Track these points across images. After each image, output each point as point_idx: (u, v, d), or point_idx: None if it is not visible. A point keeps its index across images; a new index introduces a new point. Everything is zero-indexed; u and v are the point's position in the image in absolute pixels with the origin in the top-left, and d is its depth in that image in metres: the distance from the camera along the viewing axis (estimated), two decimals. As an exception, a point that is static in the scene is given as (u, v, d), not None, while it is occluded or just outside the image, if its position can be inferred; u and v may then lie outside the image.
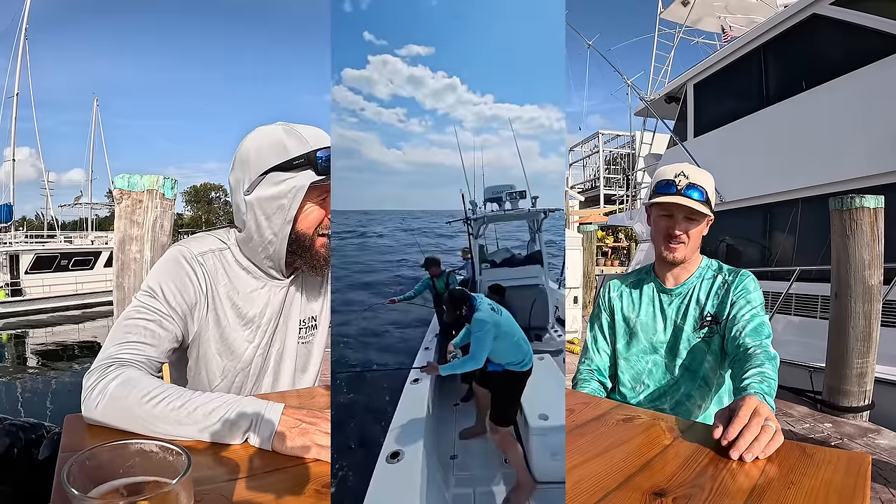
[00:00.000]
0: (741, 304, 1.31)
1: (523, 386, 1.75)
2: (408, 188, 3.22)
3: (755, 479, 0.67)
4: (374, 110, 0.99)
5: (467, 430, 1.98)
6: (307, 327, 1.16)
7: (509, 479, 1.56)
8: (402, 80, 0.90)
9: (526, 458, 1.53)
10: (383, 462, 1.22)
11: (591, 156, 25.64)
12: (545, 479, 1.52)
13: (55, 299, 17.43)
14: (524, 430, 1.48)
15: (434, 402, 1.95)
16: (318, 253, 1.04)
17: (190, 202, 53.95)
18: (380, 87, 0.70)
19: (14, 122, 23.98)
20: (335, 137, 0.49)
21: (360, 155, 0.68)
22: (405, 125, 3.78)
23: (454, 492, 1.55)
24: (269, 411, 0.75)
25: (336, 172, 0.53)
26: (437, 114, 1.64)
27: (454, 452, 1.82)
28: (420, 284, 2.70)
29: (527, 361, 1.72)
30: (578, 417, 0.94)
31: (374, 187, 1.88)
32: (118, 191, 2.12)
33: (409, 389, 1.72)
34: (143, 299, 0.95)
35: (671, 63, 10.06)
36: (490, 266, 2.98)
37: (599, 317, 1.53)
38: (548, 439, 1.49)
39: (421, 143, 3.19)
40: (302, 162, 0.97)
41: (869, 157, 4.84)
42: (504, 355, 1.72)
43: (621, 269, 17.99)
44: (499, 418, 1.65)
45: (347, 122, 0.52)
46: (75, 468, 0.40)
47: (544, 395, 1.62)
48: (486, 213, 2.89)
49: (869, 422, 3.55)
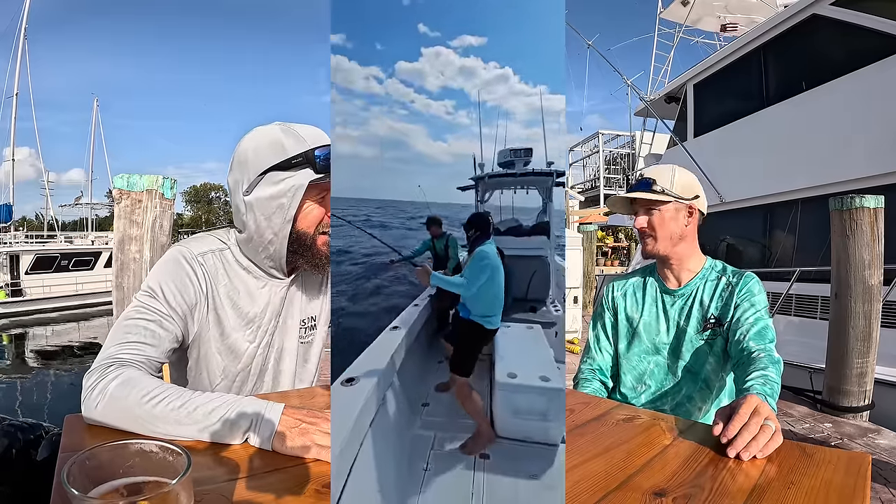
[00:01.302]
0: (745, 306, 1.30)
1: (484, 342, 1.81)
2: (448, 180, 3.21)
3: (755, 479, 0.67)
4: (424, 102, 0.98)
5: (442, 383, 2.03)
6: (307, 327, 1.16)
7: (472, 430, 1.62)
8: (454, 71, 0.89)
9: (492, 414, 1.57)
10: (338, 385, 1.26)
11: (591, 156, 25.61)
12: (505, 433, 1.56)
13: (55, 299, 17.43)
14: (492, 386, 1.54)
15: (413, 350, 2.02)
16: (319, 251, 1.04)
17: (190, 202, 53.97)
18: (431, 79, 0.69)
19: (14, 122, 23.99)
20: (385, 130, 0.49)
21: (407, 146, 0.67)
22: (453, 117, 3.76)
23: (417, 432, 1.62)
24: (270, 411, 0.75)
25: (385, 163, 0.53)
26: (486, 106, 1.63)
27: (427, 401, 1.89)
28: (421, 245, 2.73)
29: (493, 320, 1.76)
30: (578, 417, 0.94)
31: (420, 178, 1.88)
32: (118, 191, 2.12)
33: (385, 334, 1.78)
34: (143, 299, 0.95)
35: (671, 63, 10.06)
36: (495, 234, 2.99)
37: (602, 316, 1.53)
38: (512, 397, 1.53)
39: (466, 136, 3.17)
40: (300, 161, 0.97)
41: (869, 157, 4.84)
42: (479, 305, 1.76)
43: (621, 269, 17.99)
44: (456, 366, 1.69)
45: (398, 114, 0.52)
46: (75, 468, 0.40)
47: (521, 357, 1.67)
48: (492, 172, 2.90)
49: (869, 422, 3.55)
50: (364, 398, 1.22)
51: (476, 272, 1.68)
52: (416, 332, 2.07)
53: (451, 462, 1.47)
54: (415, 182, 3.61)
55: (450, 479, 1.36)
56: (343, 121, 0.46)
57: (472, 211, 3.03)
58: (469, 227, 1.82)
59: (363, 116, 5.22)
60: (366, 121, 11.55)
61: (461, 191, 3.04)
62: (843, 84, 5.15)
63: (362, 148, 6.91)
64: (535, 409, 1.57)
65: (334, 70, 0.44)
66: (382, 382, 1.41)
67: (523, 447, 1.50)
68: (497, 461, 1.43)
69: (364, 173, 19.30)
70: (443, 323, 2.43)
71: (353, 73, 1.57)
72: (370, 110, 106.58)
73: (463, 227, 1.77)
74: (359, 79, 6.75)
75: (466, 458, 1.47)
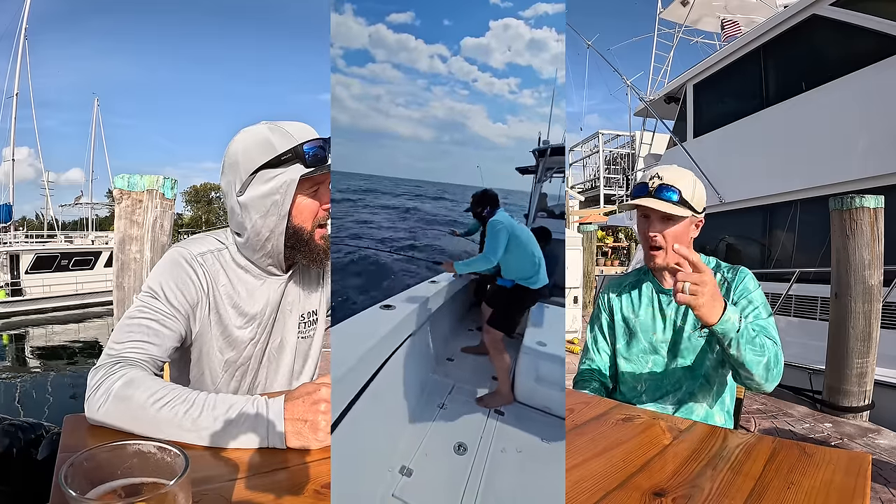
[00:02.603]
0: (743, 304, 1.30)
1: (531, 302, 1.90)
2: (504, 163, 3.19)
3: (755, 479, 0.67)
4: (487, 81, 0.97)
5: (471, 346, 2.09)
6: (307, 322, 1.17)
7: (490, 389, 1.68)
8: (523, 45, 0.88)
9: (514, 377, 1.62)
10: (376, 308, 1.34)
11: (591, 156, 25.61)
12: (523, 399, 1.61)
13: (55, 299, 17.42)
14: (519, 349, 1.59)
15: (449, 308, 2.14)
16: (317, 245, 1.06)
17: (190, 202, 53.96)
18: (496, 55, 0.68)
19: (14, 122, 23.97)
20: (443, 111, 0.49)
21: (463, 129, 0.65)
22: (516, 97, 3.71)
23: (436, 378, 1.69)
24: (272, 410, 0.76)
25: (441, 146, 0.53)
26: (558, 83, 1.63)
27: (452, 357, 1.97)
28: (473, 224, 2.85)
29: (536, 279, 1.82)
30: (578, 417, 0.94)
31: (476, 161, 1.89)
32: (118, 191, 2.12)
33: (425, 284, 1.88)
34: (145, 300, 0.95)
35: (671, 63, 10.05)
36: (546, 216, 3.02)
37: (599, 317, 1.53)
38: (537, 363, 1.58)
39: (531, 118, 3.07)
40: (290, 156, 0.98)
41: (869, 157, 4.84)
42: (515, 269, 1.82)
43: (621, 269, 17.99)
44: (497, 323, 1.73)
45: (459, 94, 0.51)
46: (73, 469, 0.40)
47: (553, 330, 1.74)
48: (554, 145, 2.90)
49: (869, 422, 3.55)
50: (399, 320, 1.35)
51: (493, 241, 1.72)
52: (454, 291, 2.17)
53: (466, 408, 1.54)
54: (464, 166, 3.65)
55: (462, 420, 1.44)
56: (405, 102, 0.45)
57: (527, 194, 3.07)
58: (476, 206, 1.84)
59: (425, 97, 5.07)
60: (427, 101, 11.24)
61: (521, 173, 3.09)
62: (843, 84, 5.15)
63: (422, 130, 6.68)
64: (558, 380, 1.61)
65: (398, 49, 0.43)
66: (419, 315, 1.50)
67: (538, 415, 1.54)
68: (511, 419, 1.49)
69: (423, 155, 19.35)
70: (482, 293, 2.48)
71: (419, 51, 1.57)
72: (432, 91, 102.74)
73: (471, 209, 1.80)
74: (423, 58, 6.56)
75: (482, 409, 1.54)
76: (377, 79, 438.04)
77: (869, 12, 4.92)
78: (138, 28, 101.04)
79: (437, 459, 1.20)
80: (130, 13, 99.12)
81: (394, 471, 1.12)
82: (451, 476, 1.13)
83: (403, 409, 1.38)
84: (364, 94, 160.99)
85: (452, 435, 1.36)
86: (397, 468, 1.13)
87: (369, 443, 1.07)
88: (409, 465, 1.15)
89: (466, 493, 1.07)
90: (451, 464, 1.19)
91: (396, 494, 1.04)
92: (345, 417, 0.93)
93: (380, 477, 1.08)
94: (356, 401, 1.01)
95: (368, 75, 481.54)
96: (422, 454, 1.21)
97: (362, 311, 1.35)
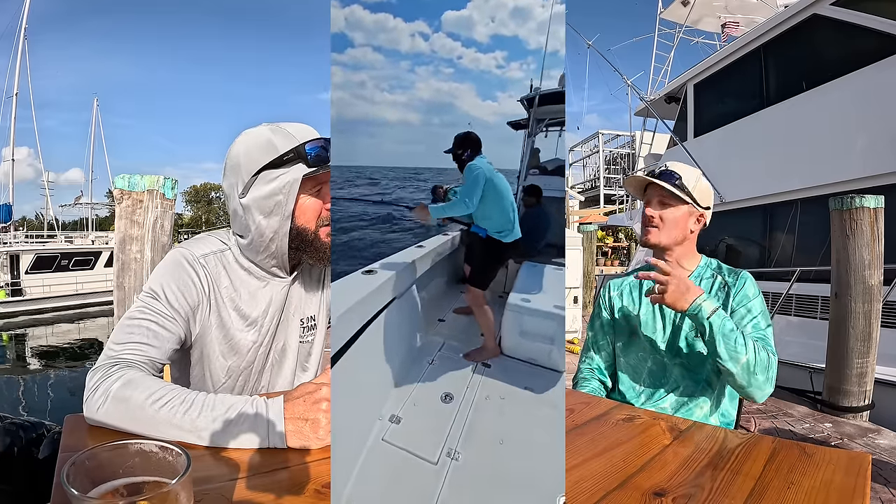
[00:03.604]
0: (742, 312, 1.30)
1: (503, 257, 1.92)
2: (498, 144, 3.10)
3: (755, 479, 0.67)
4: (472, 57, 0.97)
5: (461, 307, 2.10)
6: (307, 327, 1.17)
7: (477, 345, 1.73)
8: (506, 14, 0.86)
9: (500, 333, 1.64)
10: (358, 274, 1.40)
11: (591, 156, 25.61)
12: (510, 352, 1.66)
13: (55, 299, 17.41)
14: (504, 305, 1.63)
15: (437, 269, 2.18)
16: (323, 244, 1.05)
17: (190, 202, 53.92)
18: (479, 28, 0.66)
19: (13, 122, 23.95)
20: (431, 93, 0.48)
21: (452, 109, 0.64)
22: (504, 71, 3.57)
23: (427, 337, 1.76)
24: (272, 410, 0.75)
25: (431, 129, 0.53)
26: (546, 53, 1.57)
27: (443, 317, 2.02)
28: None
29: (508, 233, 1.81)
30: (578, 417, 0.94)
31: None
32: (118, 191, 2.12)
33: (411, 249, 1.92)
34: (145, 300, 0.95)
35: (671, 63, 10.04)
36: (538, 173, 2.88)
37: (600, 316, 1.53)
38: (521, 318, 1.62)
39: (522, 91, 2.94)
40: (292, 157, 0.98)
41: (869, 157, 4.84)
42: (490, 219, 1.80)
43: (621, 269, 17.98)
44: (473, 279, 1.74)
45: (444, 73, 0.51)
46: (75, 468, 0.40)
47: (538, 287, 1.78)
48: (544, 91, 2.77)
49: (869, 422, 3.55)
50: (379, 283, 1.38)
51: (469, 186, 1.70)
52: (441, 252, 2.20)
53: (454, 364, 1.60)
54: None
55: (449, 374, 1.52)
56: (389, 87, 0.45)
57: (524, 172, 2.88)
58: (458, 147, 1.79)
59: (410, 79, 4.88)
60: (412, 84, 10.86)
61: (512, 128, 2.95)
62: (843, 84, 5.14)
63: (410, 114, 6.48)
64: (543, 333, 1.65)
65: (377, 30, 0.43)
66: (401, 279, 1.55)
67: (525, 366, 1.59)
68: (497, 371, 1.55)
69: (412, 139, 19.19)
70: (470, 252, 2.43)
71: (399, 31, 1.57)
72: (416, 72, 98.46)
73: (452, 150, 1.75)
74: (405, 37, 6.36)
75: (469, 363, 1.59)
76: (358, 64, 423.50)
77: (870, 12, 4.92)
78: (138, 28, 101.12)
79: (425, 408, 1.30)
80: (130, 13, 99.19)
81: (384, 419, 1.22)
82: (437, 422, 1.23)
83: (392, 367, 1.45)
84: (346, 82, 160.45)
85: (440, 387, 1.45)
86: (387, 417, 1.23)
87: (354, 397, 1.15)
88: (398, 414, 1.25)
89: (450, 435, 1.17)
90: (438, 411, 1.28)
91: (386, 439, 1.14)
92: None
93: (370, 425, 1.17)
94: (336, 360, 1.08)
95: (349, 62, 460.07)
96: (410, 404, 1.31)
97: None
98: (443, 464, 1.07)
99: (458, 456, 1.10)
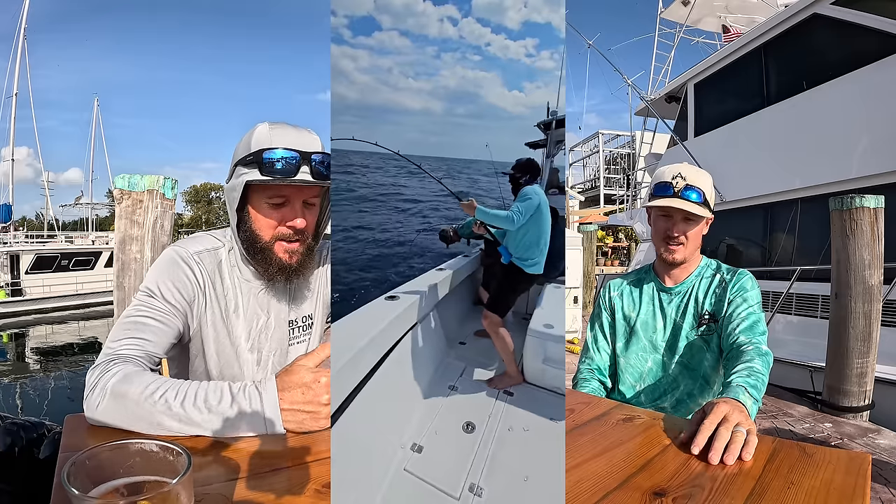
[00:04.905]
0: (738, 301, 1.32)
1: (523, 286, 1.90)
2: (520, 135, 3.03)
3: (755, 479, 0.67)
4: (501, 44, 0.94)
5: (482, 330, 2.10)
6: (302, 327, 1.17)
7: (499, 370, 1.71)
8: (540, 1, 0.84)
9: (522, 359, 1.62)
10: (381, 300, 1.39)
11: (591, 155, 25.61)
12: (532, 380, 1.64)
13: (55, 299, 17.41)
14: (526, 331, 1.62)
15: (458, 293, 2.18)
16: (270, 257, 1.03)
17: (190, 202, 53.91)
18: (511, 13, 0.63)
19: (13, 122, 23.94)
20: (457, 81, 0.48)
21: (478, 99, 0.62)
22: (533, 60, 3.50)
23: (448, 361, 1.74)
24: (266, 398, 0.76)
25: (456, 119, 0.53)
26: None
27: (464, 340, 2.01)
28: (469, 220, 2.76)
29: (534, 265, 1.81)
30: (578, 417, 0.94)
31: (488, 134, 1.81)
32: (118, 191, 2.12)
33: (432, 272, 1.91)
34: (141, 298, 0.96)
35: (671, 63, 10.04)
36: (558, 192, 2.91)
37: (600, 316, 1.53)
38: (544, 344, 1.60)
39: (549, 83, 2.80)
40: (251, 160, 0.98)
41: (869, 157, 4.84)
42: (519, 246, 1.80)
43: (621, 269, 17.99)
44: (491, 304, 1.74)
45: (471, 60, 0.50)
46: (75, 468, 0.40)
47: (561, 313, 1.76)
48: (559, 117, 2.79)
49: (869, 422, 3.55)
50: (402, 309, 1.39)
51: (522, 204, 1.70)
52: (461, 276, 2.20)
53: (475, 389, 1.59)
54: (481, 139, 3.52)
55: (471, 402, 1.50)
56: (415, 73, 0.44)
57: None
58: (519, 171, 1.80)
59: (435, 65, 4.75)
60: (437, 70, 10.52)
61: (531, 147, 2.97)
62: (843, 84, 5.14)
63: (434, 102, 6.36)
64: (562, 360, 1.63)
65: (406, 13, 0.42)
66: (423, 304, 1.54)
67: (548, 395, 1.57)
68: (520, 399, 1.53)
69: (434, 129, 19.04)
70: (488, 276, 2.42)
71: (427, 15, 1.56)
72: (442, 58, 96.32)
73: (510, 174, 1.77)
74: (433, 22, 6.21)
75: (491, 390, 1.58)
76: (384, 49, 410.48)
77: (870, 11, 4.91)
78: (138, 28, 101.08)
79: (447, 437, 1.27)
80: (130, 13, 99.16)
81: (406, 447, 1.19)
82: (459, 452, 1.20)
83: (415, 392, 1.44)
84: (372, 66, 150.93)
85: (462, 415, 1.42)
86: (409, 445, 1.20)
87: (378, 424, 1.13)
88: (420, 443, 1.22)
89: (473, 467, 1.14)
90: (460, 441, 1.25)
91: (409, 469, 1.11)
92: (350, 405, 0.98)
93: (392, 453, 1.15)
94: (361, 387, 1.05)
95: (376, 45, 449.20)
96: (432, 432, 1.28)
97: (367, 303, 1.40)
98: (465, 499, 1.04)
99: (480, 492, 1.06)
